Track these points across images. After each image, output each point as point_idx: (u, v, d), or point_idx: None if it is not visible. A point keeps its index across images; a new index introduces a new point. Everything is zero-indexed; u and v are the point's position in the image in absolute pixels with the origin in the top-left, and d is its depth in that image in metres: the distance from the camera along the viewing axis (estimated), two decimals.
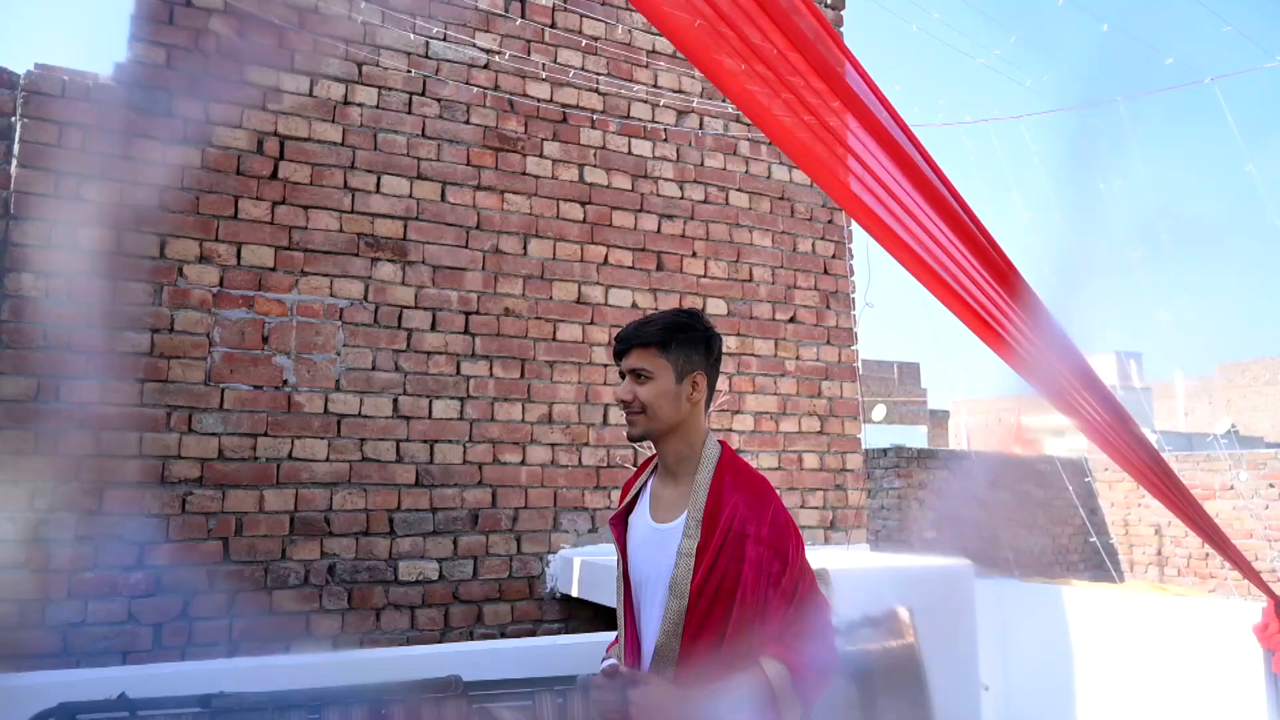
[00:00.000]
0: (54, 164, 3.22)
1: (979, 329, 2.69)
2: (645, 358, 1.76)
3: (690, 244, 4.35)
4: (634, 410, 1.76)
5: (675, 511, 1.74)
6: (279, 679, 2.20)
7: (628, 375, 1.78)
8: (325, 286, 3.59)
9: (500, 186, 3.96)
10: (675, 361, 1.76)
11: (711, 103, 4.48)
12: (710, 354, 1.81)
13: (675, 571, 1.66)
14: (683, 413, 1.76)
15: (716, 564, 1.62)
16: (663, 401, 1.74)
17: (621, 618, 1.80)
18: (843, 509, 4.54)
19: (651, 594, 1.72)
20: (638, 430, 1.78)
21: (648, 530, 1.78)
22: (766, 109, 2.29)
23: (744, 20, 1.96)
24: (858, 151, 2.35)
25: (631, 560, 1.79)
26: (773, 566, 1.62)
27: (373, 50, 3.78)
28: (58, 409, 3.14)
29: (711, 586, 1.62)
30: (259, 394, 3.43)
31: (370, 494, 3.56)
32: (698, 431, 1.79)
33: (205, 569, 3.27)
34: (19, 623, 3.01)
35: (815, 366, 4.58)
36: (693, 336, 1.79)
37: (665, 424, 1.75)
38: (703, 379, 1.79)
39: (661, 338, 1.76)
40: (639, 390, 1.75)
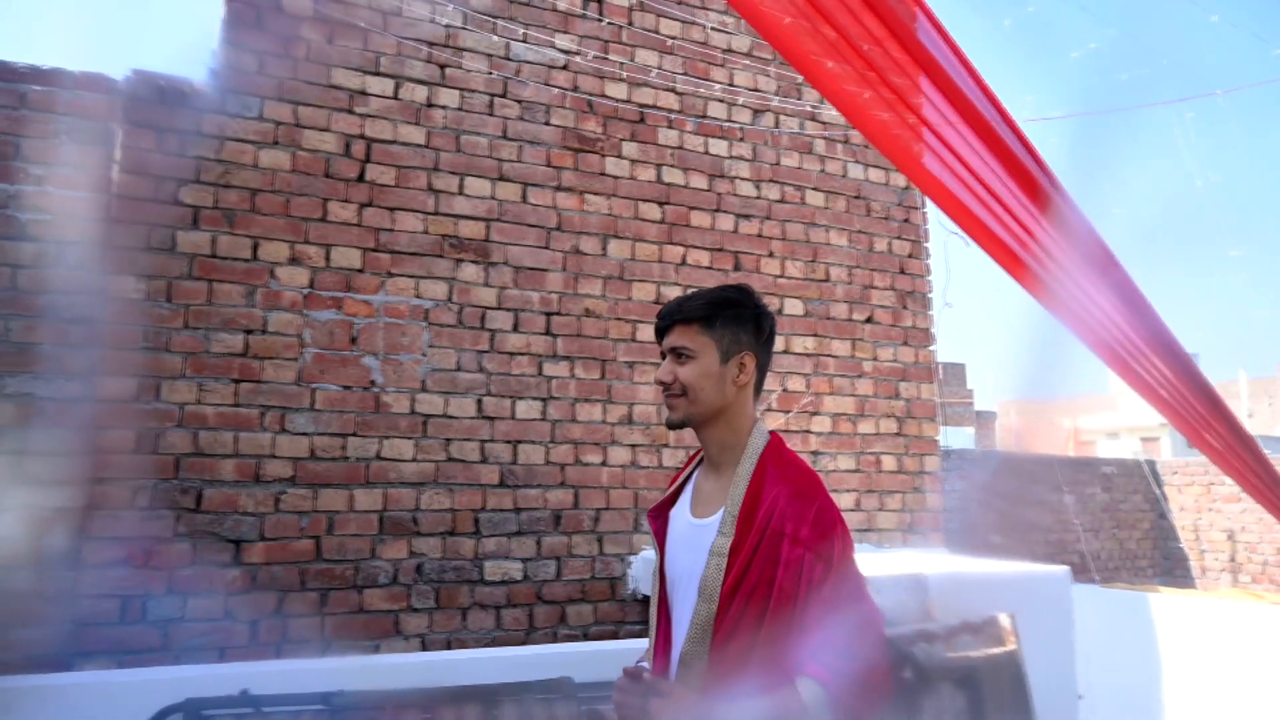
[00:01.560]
0: (152, 168, 3.29)
1: (1061, 313, 2.59)
2: (687, 335, 1.59)
3: (767, 244, 4.32)
4: (673, 393, 1.60)
5: (714, 506, 1.58)
6: (393, 677, 2.22)
7: (668, 355, 1.62)
8: (411, 288, 3.61)
9: (580, 187, 3.96)
10: (720, 340, 1.59)
11: (787, 101, 4.44)
12: (760, 334, 1.65)
13: (705, 572, 1.50)
14: (727, 397, 1.59)
15: (751, 565, 1.46)
16: (705, 383, 1.57)
17: (653, 618, 1.68)
18: (920, 512, 4.47)
19: (683, 595, 1.58)
20: (677, 415, 1.61)
21: (685, 526, 1.63)
22: (835, 79, 2.23)
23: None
24: (933, 121, 2.26)
25: (668, 557, 1.66)
26: (813, 571, 1.44)
27: (455, 52, 3.80)
28: (157, 409, 3.20)
29: (745, 590, 1.46)
30: (348, 394, 3.46)
31: (456, 494, 3.58)
32: (743, 418, 1.62)
33: (298, 567, 3.31)
34: (122, 618, 3.07)
35: (893, 367, 4.52)
36: (740, 314, 1.62)
37: (707, 408, 1.58)
38: (751, 360, 1.62)
39: (705, 313, 1.60)
40: (679, 370, 1.59)
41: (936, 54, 2.10)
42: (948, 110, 2.24)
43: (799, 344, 4.31)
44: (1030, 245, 2.50)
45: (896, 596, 2.90)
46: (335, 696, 2.08)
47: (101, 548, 3.06)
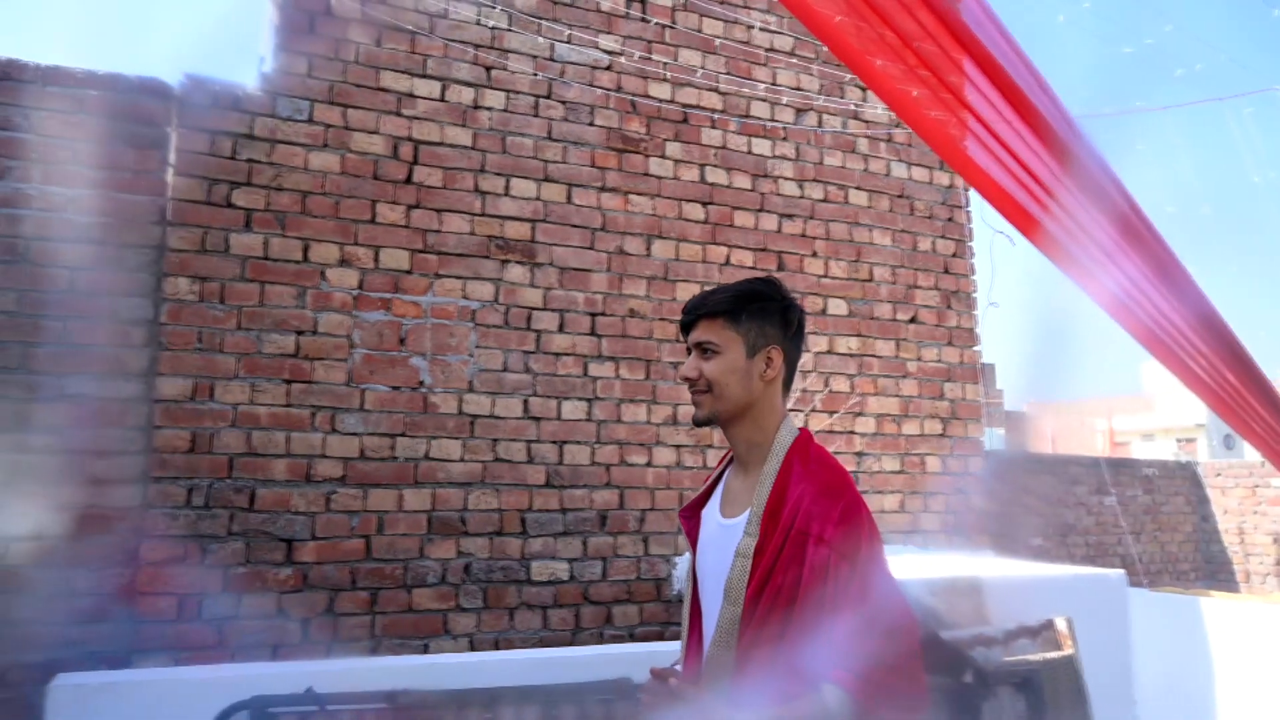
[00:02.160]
0: (205, 171, 3.33)
1: (1111, 307, 2.52)
2: (712, 329, 1.54)
3: (810, 243, 4.29)
4: (699, 389, 1.55)
5: (741, 506, 1.53)
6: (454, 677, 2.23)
7: (693, 350, 1.57)
8: (458, 289, 3.63)
9: (624, 188, 3.97)
10: (746, 334, 1.54)
11: (830, 100, 4.41)
12: (788, 327, 1.59)
13: (730, 574, 1.46)
14: (754, 393, 1.54)
15: (776, 566, 1.41)
16: (731, 379, 1.52)
17: (685, 619, 1.64)
18: (965, 514, 4.42)
19: (712, 596, 1.53)
20: (703, 412, 1.56)
21: (714, 525, 1.59)
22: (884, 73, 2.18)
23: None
24: (975, 104, 2.19)
25: (699, 558, 1.62)
26: (838, 572, 1.37)
27: (500, 54, 3.81)
28: (211, 409, 3.24)
29: (770, 592, 1.41)
30: (397, 395, 3.49)
31: (503, 494, 3.59)
32: (772, 415, 1.56)
33: (349, 566, 3.34)
34: (179, 616, 3.11)
35: (937, 368, 4.48)
36: (767, 306, 1.57)
37: (734, 405, 1.54)
38: (778, 354, 1.56)
39: (731, 307, 1.55)
40: (704, 366, 1.54)
41: (980, 34, 2.04)
42: (990, 91, 2.15)
43: (843, 344, 4.29)
44: (1073, 230, 2.42)
45: (951, 600, 2.87)
46: (400, 696, 2.10)
47: (158, 546, 3.10)
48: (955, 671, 2.45)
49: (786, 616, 1.39)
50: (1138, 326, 2.50)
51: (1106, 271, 2.38)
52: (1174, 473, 8.56)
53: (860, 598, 1.37)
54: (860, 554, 1.41)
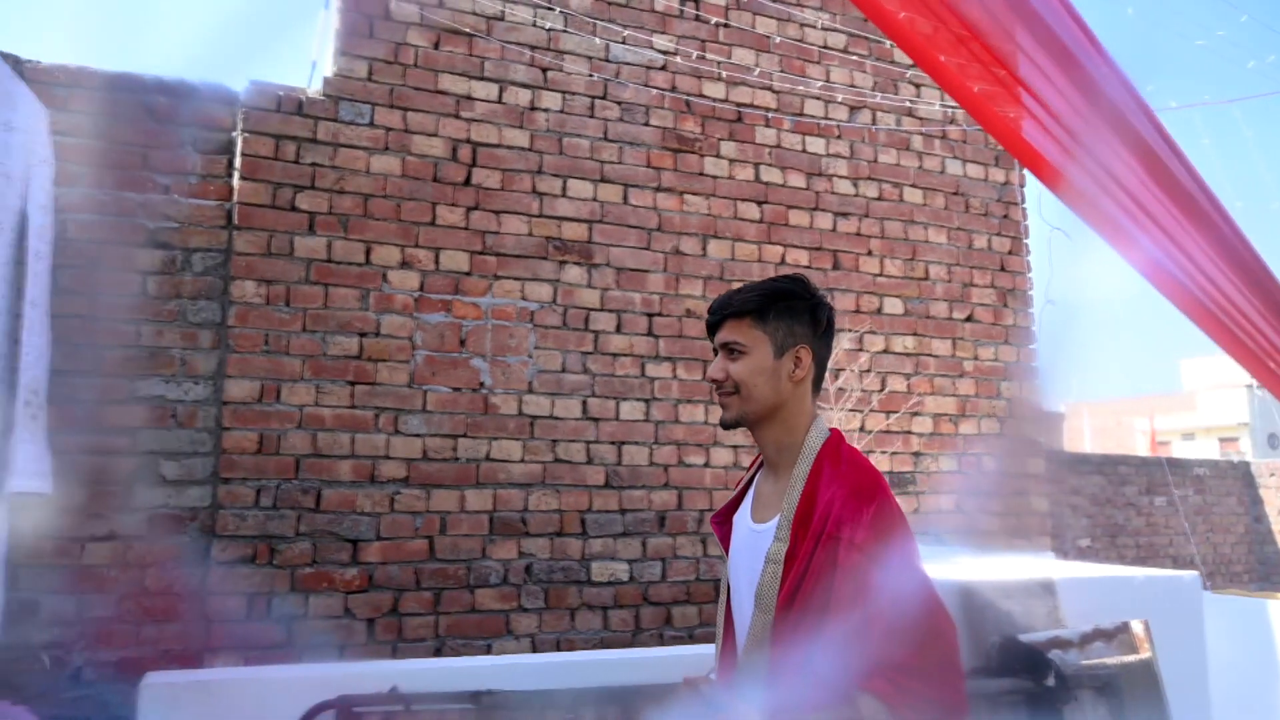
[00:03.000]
0: (271, 175, 3.36)
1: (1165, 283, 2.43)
2: (739, 329, 1.50)
3: (865, 242, 4.26)
4: (726, 391, 1.50)
5: (771, 510, 1.49)
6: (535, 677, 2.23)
7: (720, 351, 1.53)
8: (517, 290, 3.64)
9: (679, 188, 3.96)
10: (774, 334, 1.49)
11: (884, 97, 4.37)
12: (817, 326, 1.53)
13: (761, 580, 1.42)
14: (783, 394, 1.49)
15: (808, 572, 1.36)
16: (758, 379, 1.48)
17: (719, 626, 1.61)
18: (1025, 515, 4.37)
19: (744, 602, 1.49)
20: (731, 414, 1.51)
21: (746, 530, 1.55)
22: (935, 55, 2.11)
23: None
24: (1031, 82, 2.09)
25: (731, 563, 1.58)
26: (870, 577, 1.33)
27: (556, 55, 3.82)
28: (278, 411, 3.27)
29: (802, 598, 1.36)
30: (458, 396, 3.50)
31: (563, 495, 3.59)
32: (801, 416, 1.51)
33: (413, 566, 3.36)
34: (248, 615, 3.14)
35: (994, 367, 4.42)
36: (795, 305, 1.52)
37: (762, 406, 1.49)
38: (807, 354, 1.51)
39: (757, 306, 1.50)
40: (731, 367, 1.49)
41: (1037, 4, 1.95)
42: (1045, 63, 2.05)
43: (899, 343, 4.25)
44: (1135, 212, 2.33)
45: (1025, 602, 2.83)
46: (484, 696, 2.10)
47: (228, 546, 3.14)
48: (1037, 674, 2.42)
49: (819, 623, 1.34)
50: (1194, 304, 2.41)
51: (1161, 244, 2.28)
52: (1225, 473, 8.39)
53: (895, 603, 1.32)
54: (894, 558, 1.36)
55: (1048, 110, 2.20)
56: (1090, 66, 2.01)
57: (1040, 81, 2.09)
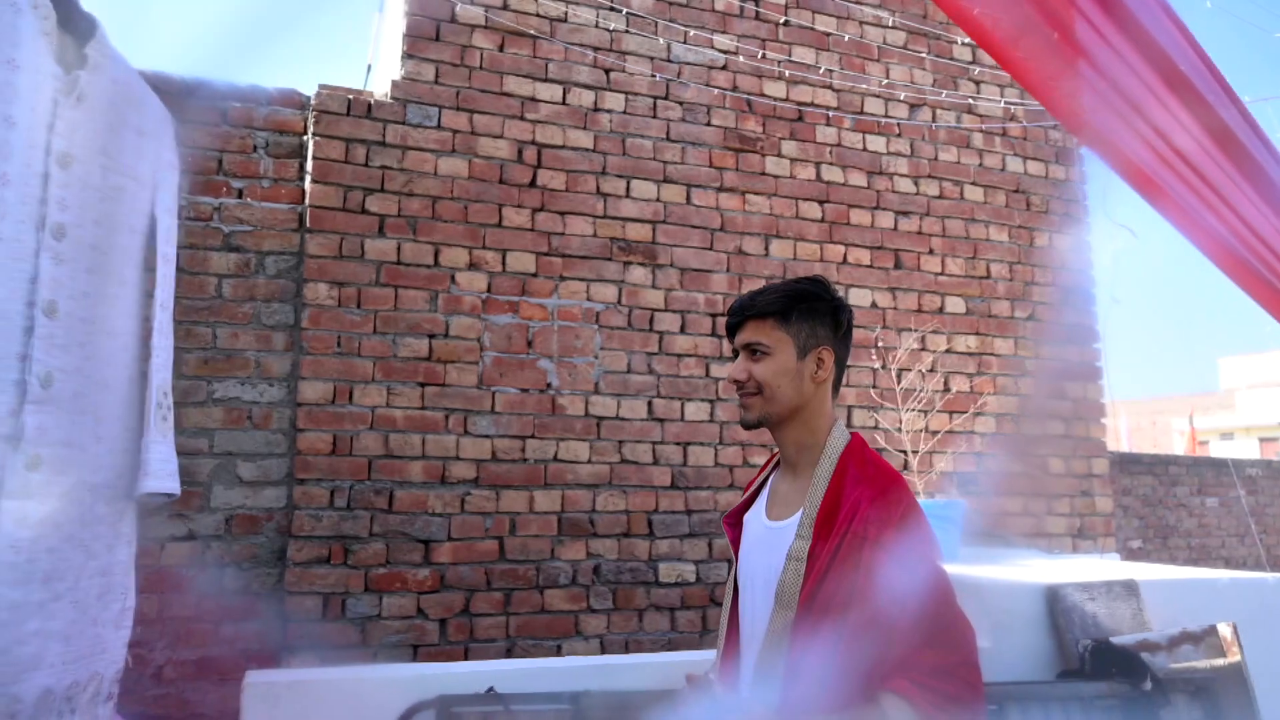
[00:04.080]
0: (341, 179, 3.39)
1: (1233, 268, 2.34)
2: (762, 330, 1.51)
3: (927, 241, 4.22)
4: (748, 391, 1.51)
5: (791, 509, 1.49)
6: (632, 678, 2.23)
7: (741, 352, 1.54)
8: (582, 291, 3.64)
9: (741, 187, 3.94)
10: (797, 335, 1.51)
11: (944, 95, 4.33)
12: (838, 327, 1.55)
13: (783, 576, 1.41)
14: (805, 394, 1.51)
15: (830, 570, 1.36)
16: (781, 381, 1.49)
17: (723, 626, 1.59)
18: (1090, 516, 4.31)
19: (758, 601, 1.48)
20: (753, 415, 1.52)
21: (761, 528, 1.54)
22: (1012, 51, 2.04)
23: None
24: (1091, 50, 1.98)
25: (742, 562, 1.57)
26: (897, 579, 1.34)
27: (619, 56, 3.82)
28: (351, 412, 3.30)
29: (824, 596, 1.36)
30: (526, 397, 3.51)
31: (630, 495, 3.59)
32: (822, 417, 1.53)
33: (483, 567, 3.37)
34: (323, 615, 3.17)
35: (1057, 366, 4.37)
36: (817, 307, 1.53)
37: (784, 407, 1.50)
38: (829, 355, 1.53)
39: (781, 307, 1.51)
40: (754, 368, 1.50)
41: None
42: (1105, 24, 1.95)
43: (961, 343, 4.21)
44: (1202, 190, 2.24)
45: (1109, 604, 2.79)
46: (583, 696, 2.10)
47: (304, 546, 3.17)
48: (1133, 678, 2.38)
49: (841, 622, 1.34)
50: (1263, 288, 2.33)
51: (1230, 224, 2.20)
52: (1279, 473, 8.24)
53: (920, 603, 1.34)
54: (919, 559, 1.38)
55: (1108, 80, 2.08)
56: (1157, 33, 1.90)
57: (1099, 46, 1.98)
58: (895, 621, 1.31)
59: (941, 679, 1.30)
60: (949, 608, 1.38)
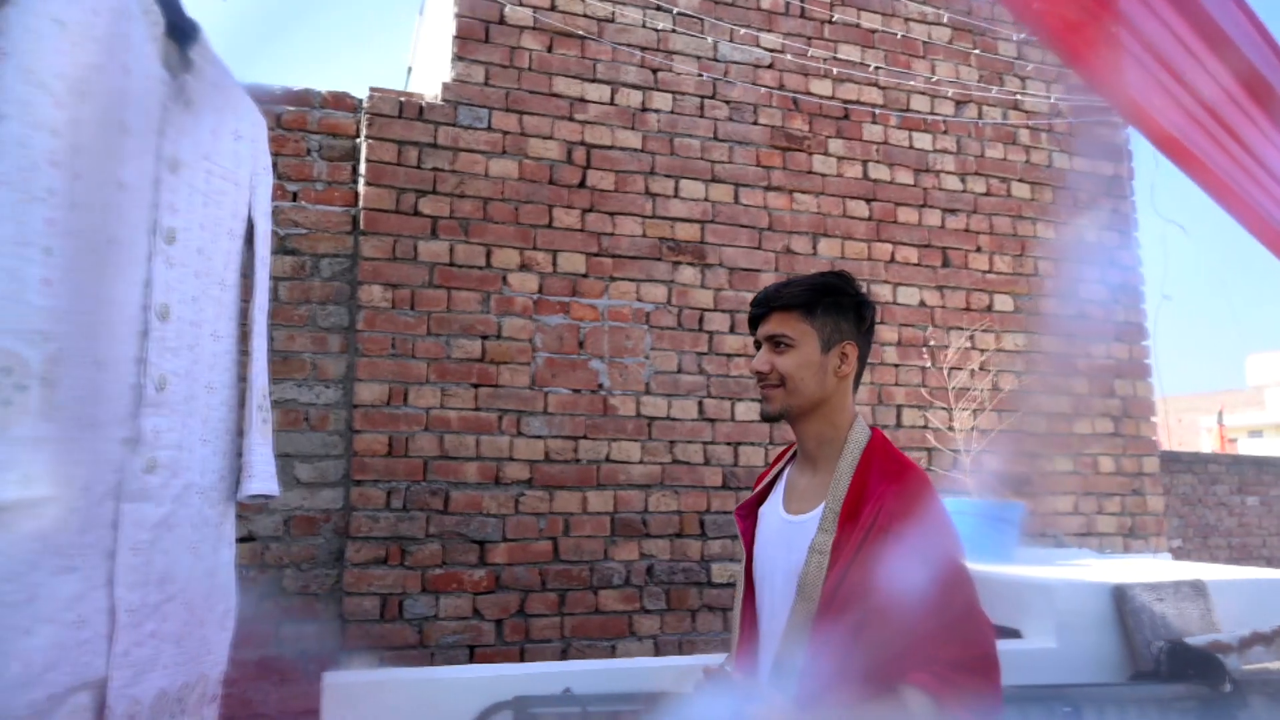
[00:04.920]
0: (394, 181, 3.40)
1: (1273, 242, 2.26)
2: (786, 323, 1.50)
3: (974, 238, 4.19)
4: (770, 383, 1.51)
5: (811, 502, 1.49)
6: None
7: (764, 344, 1.53)
8: (632, 291, 3.64)
9: (789, 186, 3.93)
10: (821, 328, 1.50)
11: (990, 92, 4.30)
12: (862, 322, 1.54)
13: (805, 570, 1.40)
14: (827, 389, 1.50)
15: (854, 564, 1.36)
16: (805, 374, 1.48)
17: (737, 621, 1.58)
18: (1141, 515, 4.27)
19: (776, 595, 1.47)
20: (774, 407, 1.52)
21: (778, 522, 1.53)
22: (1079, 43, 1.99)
23: None
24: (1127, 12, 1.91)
25: (757, 556, 1.56)
26: (920, 573, 1.34)
27: (666, 56, 3.82)
28: (406, 414, 3.31)
29: (846, 590, 1.36)
30: (578, 398, 3.51)
31: (681, 496, 3.59)
32: (843, 412, 1.52)
33: (538, 568, 3.37)
34: (381, 616, 3.18)
35: (1106, 364, 4.33)
36: (841, 301, 1.52)
37: (806, 400, 1.49)
38: (853, 350, 1.52)
39: (806, 300, 1.50)
40: (777, 360, 1.50)
41: None
42: None
43: (1010, 340, 4.18)
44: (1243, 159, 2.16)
45: (1178, 604, 2.76)
46: (660, 697, 2.09)
47: (362, 547, 3.18)
48: (1211, 680, 2.35)
49: (863, 615, 1.34)
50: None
51: None
52: None
53: (944, 600, 1.34)
54: (944, 556, 1.38)
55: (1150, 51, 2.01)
56: None
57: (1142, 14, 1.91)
58: (917, 615, 1.32)
59: (962, 672, 1.31)
60: (970, 602, 1.38)
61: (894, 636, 1.32)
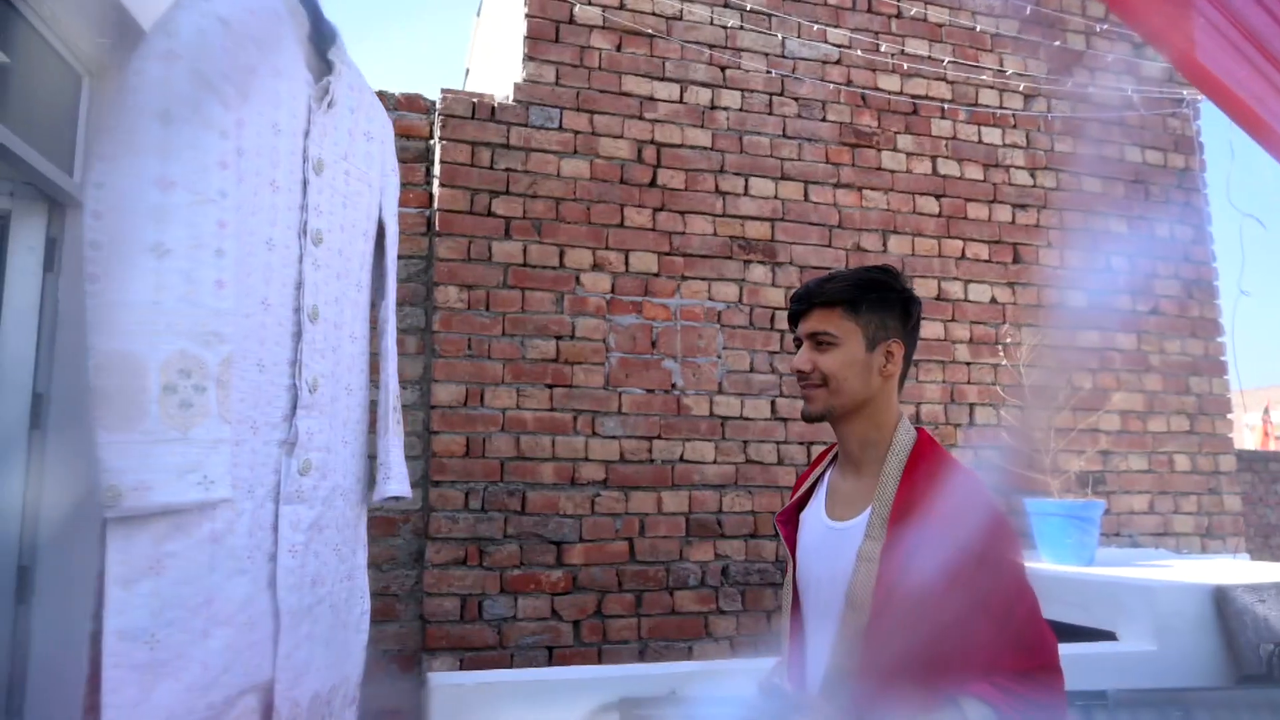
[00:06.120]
0: (468, 182, 3.40)
1: None
2: (829, 319, 1.43)
3: (1045, 234, 4.13)
4: (812, 383, 1.44)
5: (856, 507, 1.42)
6: None
7: (806, 341, 1.46)
8: (704, 290, 3.62)
9: (858, 183, 3.89)
10: (866, 326, 1.43)
11: (1059, 84, 4.23)
12: (908, 319, 1.47)
13: (853, 578, 1.34)
14: (872, 388, 1.43)
15: (906, 572, 1.30)
16: (849, 373, 1.42)
17: (785, 630, 1.53)
18: (1218, 515, 4.18)
19: (823, 606, 1.41)
20: (816, 407, 1.45)
21: (821, 529, 1.46)
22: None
23: None
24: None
25: (800, 564, 1.49)
26: (978, 582, 1.28)
27: (734, 53, 3.79)
28: (483, 414, 3.31)
29: (898, 600, 1.30)
30: (651, 398, 3.50)
31: (755, 496, 3.56)
32: (889, 412, 1.45)
33: (614, 568, 3.36)
34: (461, 617, 3.18)
35: (1181, 361, 4.24)
36: (887, 297, 1.45)
37: (850, 400, 1.43)
38: (899, 349, 1.45)
39: (850, 295, 1.43)
40: (819, 359, 1.43)
41: None
42: None
43: (1083, 338, 4.10)
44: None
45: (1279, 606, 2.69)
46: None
47: (441, 548, 3.18)
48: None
49: (918, 625, 1.28)
50: None
51: None
52: None
53: (1003, 609, 1.28)
54: (1002, 562, 1.31)
55: None
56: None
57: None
58: (976, 625, 1.27)
59: (1025, 684, 1.25)
60: (1033, 611, 1.31)
61: (951, 647, 1.26)
